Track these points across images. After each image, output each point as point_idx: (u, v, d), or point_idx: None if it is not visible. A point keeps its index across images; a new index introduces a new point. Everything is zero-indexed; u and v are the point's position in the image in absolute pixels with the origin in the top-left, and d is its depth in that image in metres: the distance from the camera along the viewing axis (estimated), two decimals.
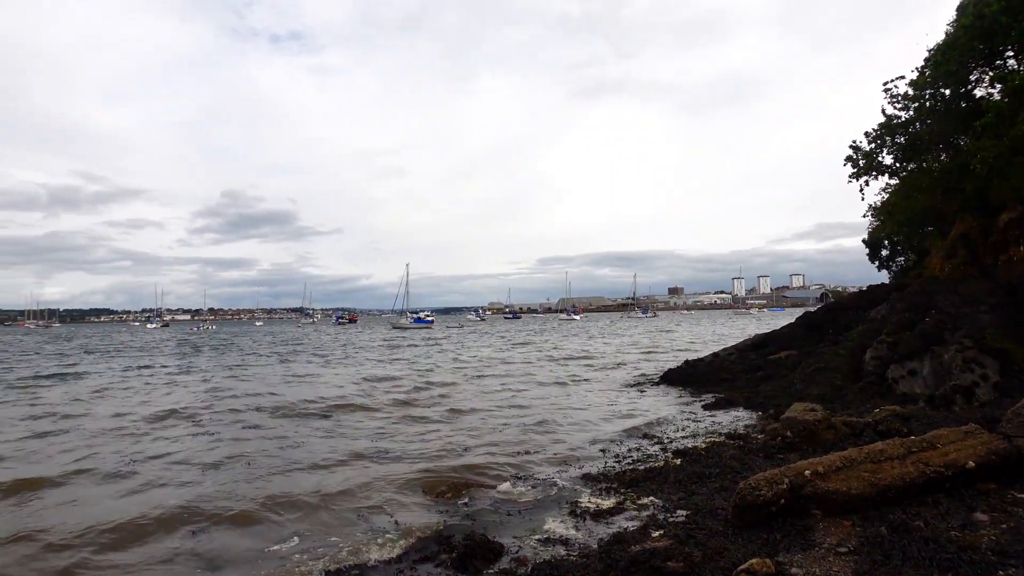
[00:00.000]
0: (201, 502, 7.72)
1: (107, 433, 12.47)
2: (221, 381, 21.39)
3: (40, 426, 13.45)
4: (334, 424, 13.08)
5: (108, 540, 6.52)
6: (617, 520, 6.67)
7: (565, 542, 6.14)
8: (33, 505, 7.92)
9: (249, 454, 10.42)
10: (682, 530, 5.76)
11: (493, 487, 8.25)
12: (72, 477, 9.14)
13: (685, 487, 7.52)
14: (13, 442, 11.81)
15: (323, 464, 9.68)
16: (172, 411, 14.79)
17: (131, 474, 9.30)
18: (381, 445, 11.04)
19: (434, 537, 6.45)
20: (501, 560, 5.77)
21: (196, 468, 9.58)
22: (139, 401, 17.01)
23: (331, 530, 6.80)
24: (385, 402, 16.14)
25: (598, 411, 14.27)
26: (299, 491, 8.21)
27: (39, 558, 6.15)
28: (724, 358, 19.69)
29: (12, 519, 7.36)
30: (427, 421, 13.26)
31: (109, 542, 6.49)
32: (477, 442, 11.14)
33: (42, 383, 22.73)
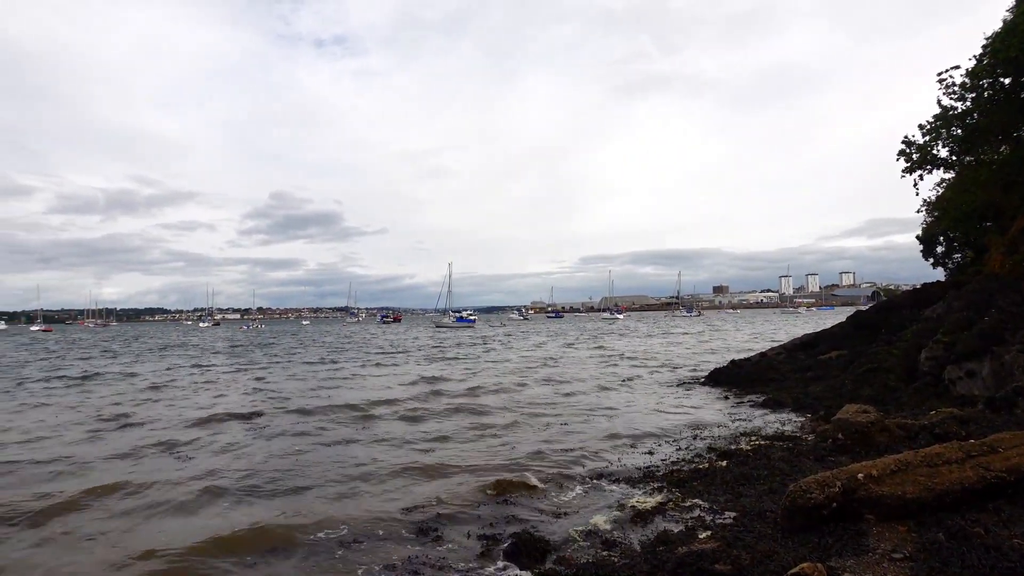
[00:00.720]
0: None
1: (171, 430, 12.85)
2: (280, 383, 21.82)
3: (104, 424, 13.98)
4: (384, 424, 13.24)
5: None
6: (662, 521, 6.62)
7: (610, 542, 6.11)
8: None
9: (304, 452, 10.66)
10: (730, 532, 5.69)
11: (539, 486, 8.26)
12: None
13: (732, 489, 7.41)
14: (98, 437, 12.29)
15: (374, 462, 9.85)
16: (236, 414, 15.17)
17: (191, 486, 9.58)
18: (429, 444, 11.17)
19: (481, 534, 6.50)
20: (547, 559, 5.79)
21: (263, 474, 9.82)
22: (197, 404, 17.51)
23: (378, 526, 6.90)
24: (434, 402, 16.30)
25: (643, 411, 14.16)
26: (351, 486, 8.40)
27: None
28: (772, 358, 19.32)
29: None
30: (474, 420, 13.33)
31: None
32: (523, 441, 11.18)
33: (115, 378, 23.61)
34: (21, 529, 7.05)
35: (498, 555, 5.89)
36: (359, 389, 19.34)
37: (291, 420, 13.69)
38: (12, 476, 9.38)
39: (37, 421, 14.26)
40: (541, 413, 13.96)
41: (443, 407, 15.21)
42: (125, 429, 13.07)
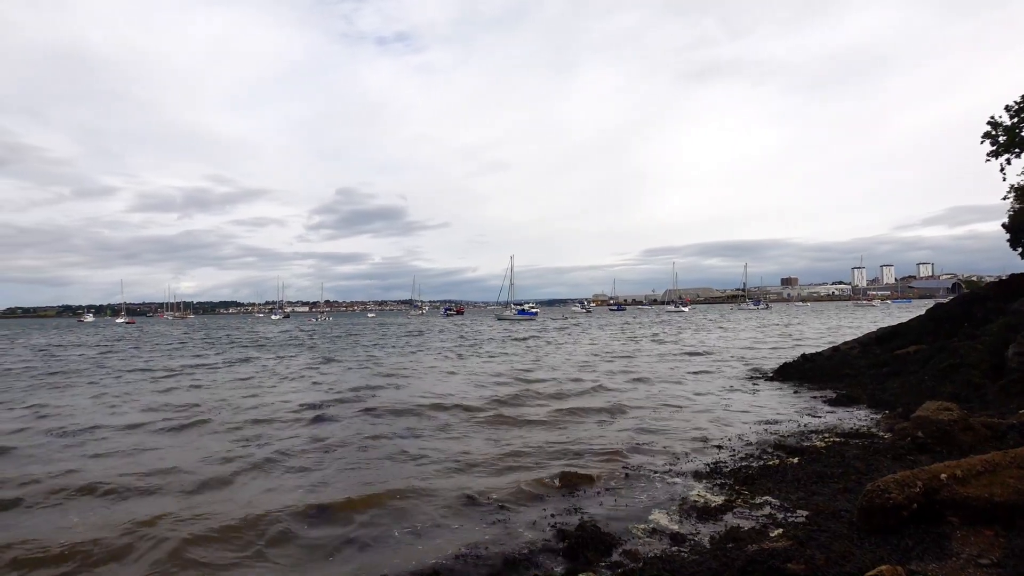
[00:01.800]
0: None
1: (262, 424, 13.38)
2: (358, 377, 22.39)
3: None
4: (454, 417, 13.42)
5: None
6: (731, 517, 6.50)
7: (677, 537, 6.05)
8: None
9: (372, 446, 10.95)
10: (802, 531, 5.55)
11: (604, 479, 8.24)
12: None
13: (804, 487, 7.22)
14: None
15: (436, 451, 10.03)
16: (312, 405, 15.68)
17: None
18: (496, 435, 11.27)
19: (547, 526, 6.54)
20: (612, 553, 5.77)
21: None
22: (279, 397, 18.15)
23: (445, 516, 7.03)
24: (501, 394, 16.41)
25: (710, 405, 13.91)
26: (419, 477, 8.58)
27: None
28: (845, 352, 18.64)
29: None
30: (541, 414, 13.35)
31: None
32: (587, 434, 11.15)
33: (189, 372, 24.78)
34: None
35: (562, 547, 5.90)
36: (441, 382, 19.69)
37: (372, 419, 14.01)
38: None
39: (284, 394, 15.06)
40: (604, 406, 13.87)
41: (510, 398, 15.31)
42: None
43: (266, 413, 13.85)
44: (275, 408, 14.55)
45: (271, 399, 16.14)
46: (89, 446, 10.98)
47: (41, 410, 14.95)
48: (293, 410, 14.19)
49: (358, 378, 20.47)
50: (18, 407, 15.56)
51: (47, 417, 13.98)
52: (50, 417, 13.97)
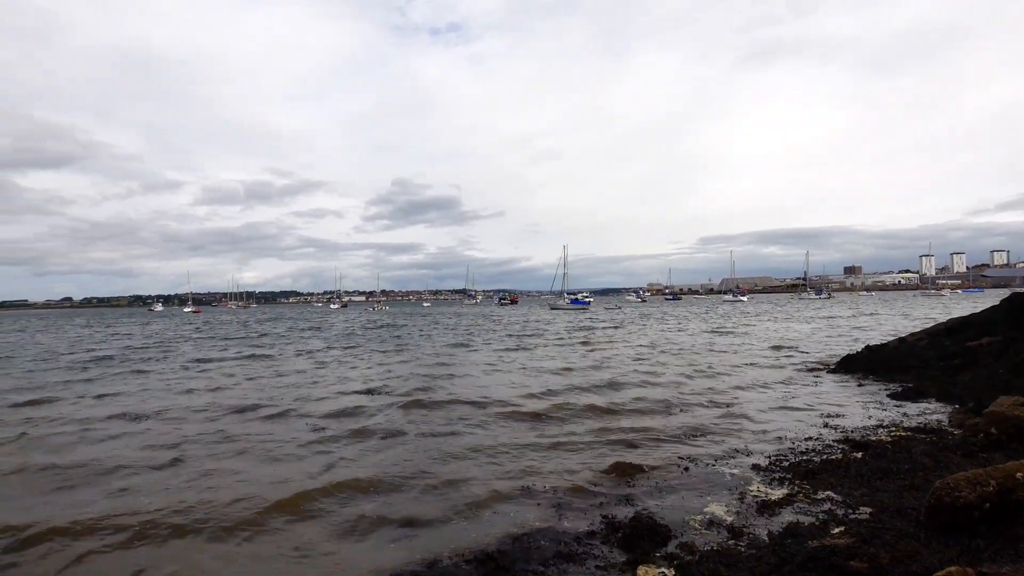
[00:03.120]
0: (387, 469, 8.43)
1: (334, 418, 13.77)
2: (425, 367, 22.71)
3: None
4: (509, 407, 13.51)
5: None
6: (790, 512, 6.36)
7: (734, 531, 5.96)
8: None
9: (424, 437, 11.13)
10: (866, 528, 5.40)
11: (660, 471, 8.17)
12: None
13: (868, 482, 7.01)
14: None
15: (495, 438, 10.14)
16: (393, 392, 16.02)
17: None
18: (550, 426, 11.31)
19: (602, 516, 6.53)
20: (668, 544, 5.72)
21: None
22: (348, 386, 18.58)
23: (500, 504, 7.10)
24: (556, 385, 16.45)
25: (770, 397, 13.61)
26: (475, 465, 8.70)
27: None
28: (912, 344, 17.94)
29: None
30: (595, 403, 13.29)
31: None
32: (644, 426, 11.06)
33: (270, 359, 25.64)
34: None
35: (617, 537, 5.89)
36: (500, 373, 19.88)
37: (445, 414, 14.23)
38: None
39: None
40: (660, 397, 13.73)
41: (571, 388, 15.31)
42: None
43: (339, 404, 14.21)
44: (346, 399, 14.90)
45: (338, 388, 16.55)
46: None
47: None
48: (362, 400, 14.52)
49: (425, 368, 20.79)
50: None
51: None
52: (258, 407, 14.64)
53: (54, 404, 14.58)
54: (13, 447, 10.37)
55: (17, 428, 11.79)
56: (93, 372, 21.26)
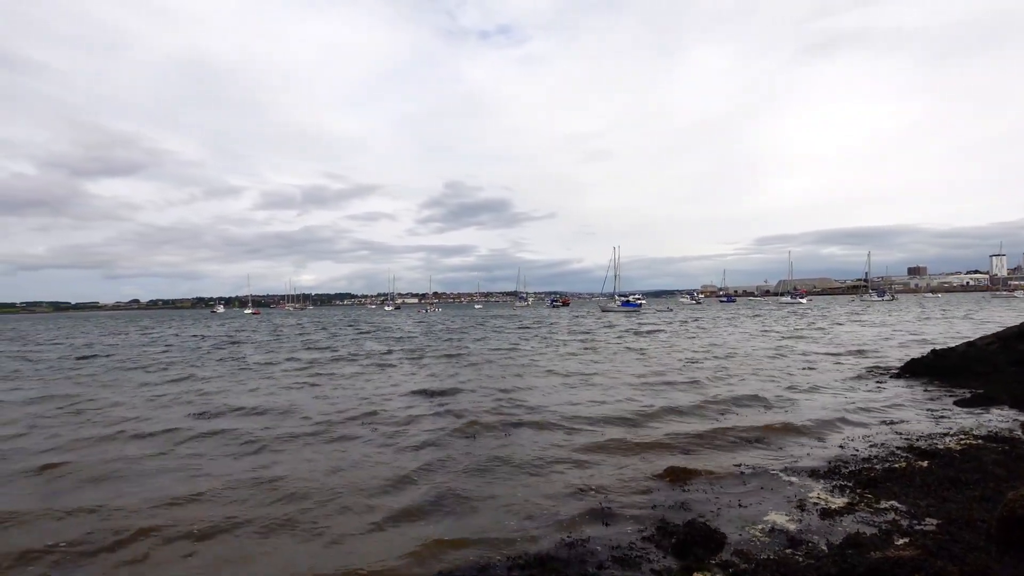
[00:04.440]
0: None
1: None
2: (488, 373, 22.92)
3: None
4: (565, 409, 13.52)
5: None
6: (851, 522, 6.18)
7: (791, 539, 5.82)
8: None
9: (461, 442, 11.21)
10: (932, 540, 5.21)
11: (716, 477, 8.04)
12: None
13: (935, 493, 6.75)
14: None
15: (554, 443, 10.16)
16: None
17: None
18: (604, 429, 11.23)
19: (655, 521, 6.47)
20: (723, 551, 5.63)
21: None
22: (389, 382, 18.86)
23: (554, 507, 7.11)
24: (613, 392, 16.36)
25: (830, 402, 13.21)
26: (531, 469, 8.73)
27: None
28: (982, 348, 17.14)
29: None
30: (648, 407, 13.17)
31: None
32: (698, 428, 10.89)
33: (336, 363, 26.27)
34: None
35: (671, 543, 5.82)
36: (559, 376, 19.89)
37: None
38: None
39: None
40: (717, 401, 13.49)
41: (624, 396, 15.21)
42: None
43: (413, 413, 14.46)
44: (416, 408, 15.14)
45: (388, 391, 16.84)
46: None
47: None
48: (434, 409, 14.72)
49: (488, 374, 20.96)
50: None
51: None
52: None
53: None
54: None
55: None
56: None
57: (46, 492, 8.14)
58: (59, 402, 15.41)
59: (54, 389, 17.87)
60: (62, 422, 12.80)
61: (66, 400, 15.67)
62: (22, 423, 12.78)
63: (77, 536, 6.48)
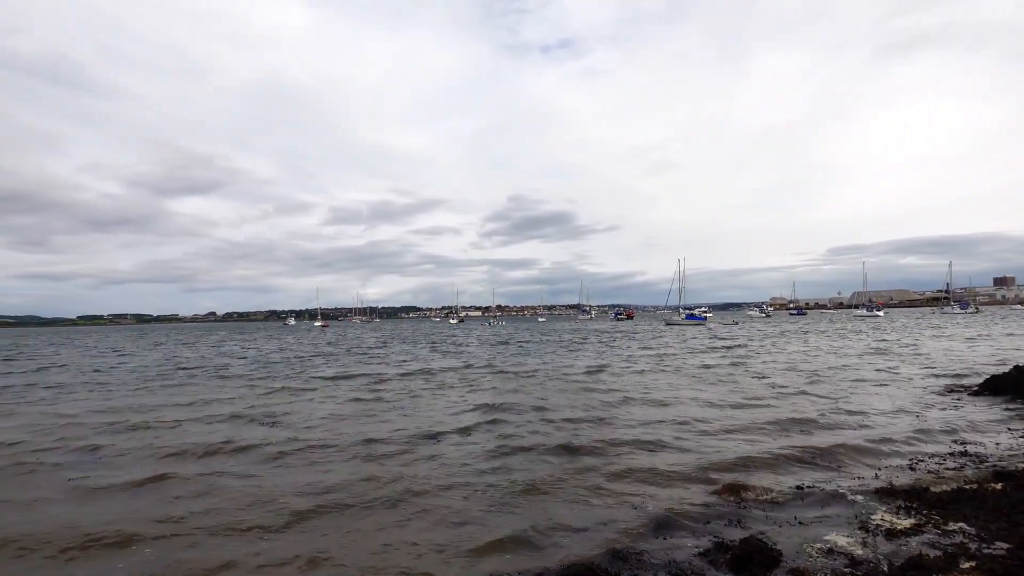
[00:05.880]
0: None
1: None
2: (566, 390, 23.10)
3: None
4: (625, 423, 13.53)
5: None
6: (914, 543, 6.03)
7: (850, 558, 5.74)
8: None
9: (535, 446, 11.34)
10: (1000, 565, 5.07)
11: (776, 494, 7.94)
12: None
13: (1008, 516, 6.50)
14: None
15: (609, 459, 10.22)
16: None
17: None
18: (666, 444, 11.19)
19: (712, 537, 6.48)
20: (778, 568, 5.60)
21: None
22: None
23: (610, 518, 7.19)
24: (677, 408, 16.26)
25: (902, 419, 12.77)
26: (585, 484, 8.82)
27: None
28: None
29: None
30: (708, 422, 13.06)
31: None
32: (760, 445, 10.74)
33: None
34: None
35: (726, 558, 5.83)
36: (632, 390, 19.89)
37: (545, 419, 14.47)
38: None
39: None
40: (782, 417, 13.21)
41: (689, 405, 15.10)
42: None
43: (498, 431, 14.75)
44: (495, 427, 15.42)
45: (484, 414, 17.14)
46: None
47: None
48: (513, 430, 14.98)
49: (560, 390, 21.12)
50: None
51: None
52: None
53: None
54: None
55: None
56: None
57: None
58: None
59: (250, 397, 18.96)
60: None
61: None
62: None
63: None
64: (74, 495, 8.62)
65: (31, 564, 6.23)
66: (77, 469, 10.03)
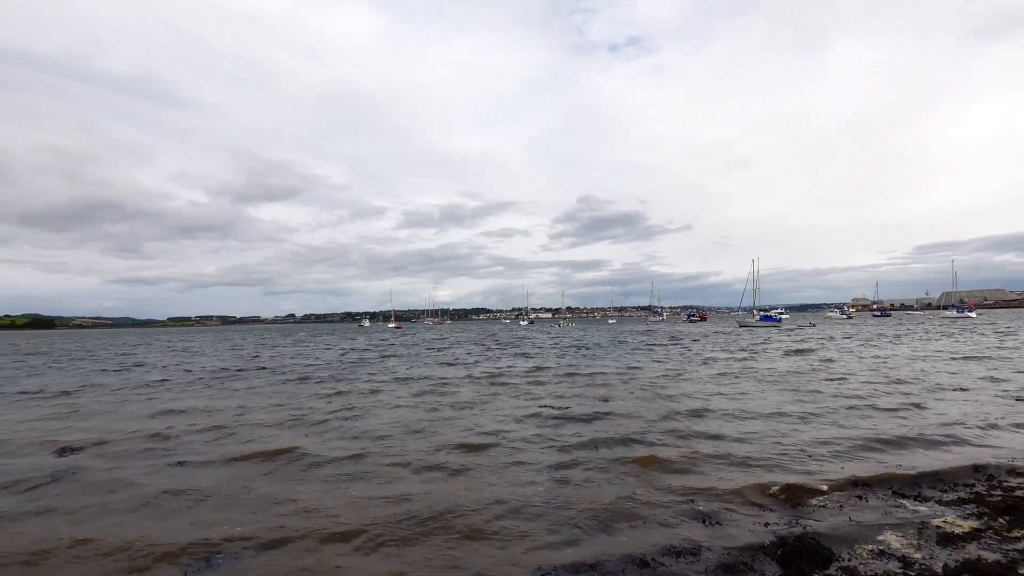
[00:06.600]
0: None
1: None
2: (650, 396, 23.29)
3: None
4: (689, 423, 13.65)
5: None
6: (974, 548, 6.04)
7: (904, 561, 5.81)
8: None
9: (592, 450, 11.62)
10: None
11: (833, 496, 7.98)
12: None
13: None
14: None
15: (665, 454, 10.41)
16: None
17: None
18: (726, 444, 11.28)
19: (762, 534, 6.64)
20: (829, 567, 5.74)
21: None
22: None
23: (661, 511, 7.46)
24: (737, 399, 16.20)
25: (980, 424, 12.32)
26: (645, 483, 9.08)
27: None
28: None
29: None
30: (781, 419, 13.02)
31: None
32: (819, 444, 10.67)
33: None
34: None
35: (777, 554, 6.00)
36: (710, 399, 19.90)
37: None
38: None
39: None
40: (842, 418, 12.98)
41: (770, 417, 15.04)
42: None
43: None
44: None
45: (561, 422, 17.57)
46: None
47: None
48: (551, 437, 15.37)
49: (635, 394, 21.32)
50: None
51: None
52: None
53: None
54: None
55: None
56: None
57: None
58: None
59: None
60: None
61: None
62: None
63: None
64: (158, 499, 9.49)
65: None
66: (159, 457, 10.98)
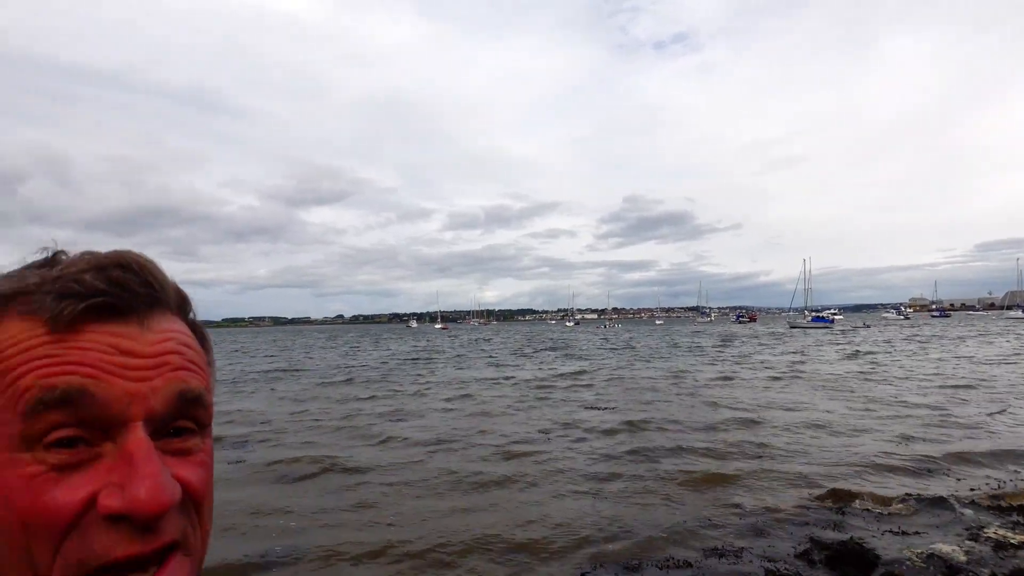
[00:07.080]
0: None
1: None
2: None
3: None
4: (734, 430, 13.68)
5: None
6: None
7: (950, 566, 5.83)
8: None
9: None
10: None
11: (881, 502, 7.97)
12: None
13: None
14: None
15: (701, 462, 10.50)
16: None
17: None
18: (775, 454, 11.29)
19: (808, 538, 6.72)
20: (874, 572, 5.81)
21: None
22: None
23: (706, 513, 7.59)
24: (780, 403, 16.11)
25: None
26: (680, 487, 9.22)
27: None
28: None
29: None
30: (833, 428, 12.94)
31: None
32: (868, 450, 10.60)
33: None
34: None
35: (821, 557, 6.09)
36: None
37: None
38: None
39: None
40: (893, 423, 12.79)
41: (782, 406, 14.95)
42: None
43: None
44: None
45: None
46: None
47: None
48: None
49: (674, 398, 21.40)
50: None
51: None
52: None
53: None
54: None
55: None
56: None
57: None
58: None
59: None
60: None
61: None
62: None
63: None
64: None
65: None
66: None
